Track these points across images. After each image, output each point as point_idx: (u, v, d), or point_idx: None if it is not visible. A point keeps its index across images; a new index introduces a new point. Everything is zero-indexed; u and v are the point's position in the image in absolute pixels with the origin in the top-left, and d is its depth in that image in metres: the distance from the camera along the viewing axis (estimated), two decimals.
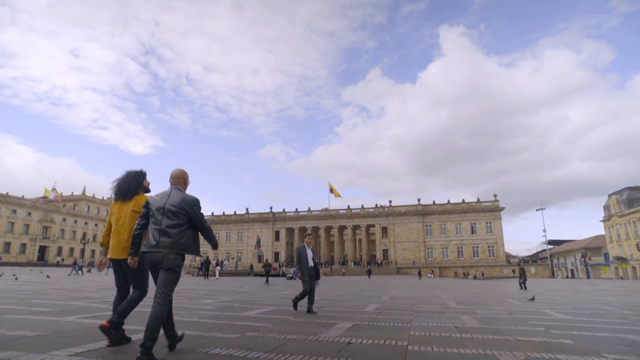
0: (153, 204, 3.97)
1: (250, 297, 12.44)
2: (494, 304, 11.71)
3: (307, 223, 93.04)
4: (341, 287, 21.71)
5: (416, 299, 13.14)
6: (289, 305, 9.62)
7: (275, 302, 10.70)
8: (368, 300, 12.19)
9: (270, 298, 12.37)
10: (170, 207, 3.90)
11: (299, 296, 8.58)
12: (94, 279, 23.64)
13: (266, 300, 11.51)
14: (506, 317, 8.13)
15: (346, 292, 16.91)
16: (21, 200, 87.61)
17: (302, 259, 8.54)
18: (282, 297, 12.71)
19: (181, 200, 3.95)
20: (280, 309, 8.87)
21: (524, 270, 24.54)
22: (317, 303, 10.77)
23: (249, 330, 5.59)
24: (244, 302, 10.40)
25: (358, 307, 9.51)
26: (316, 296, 13.54)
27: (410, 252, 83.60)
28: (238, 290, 16.74)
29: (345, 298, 12.92)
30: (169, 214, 3.88)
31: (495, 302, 12.55)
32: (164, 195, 4.02)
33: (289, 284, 24.75)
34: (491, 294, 17.41)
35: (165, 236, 3.81)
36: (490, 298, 14.42)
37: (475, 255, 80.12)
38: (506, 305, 11.34)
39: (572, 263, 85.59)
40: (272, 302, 10.71)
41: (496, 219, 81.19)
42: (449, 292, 18.70)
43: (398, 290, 19.75)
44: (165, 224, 3.84)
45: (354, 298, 13.11)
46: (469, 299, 13.87)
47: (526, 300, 13.20)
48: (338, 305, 10.05)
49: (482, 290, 21.17)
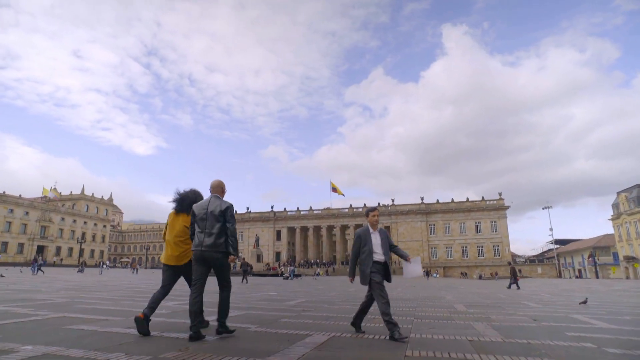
0: (199, 212, 4.63)
1: None
2: (510, 306, 10.01)
3: (309, 222, 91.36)
4: (337, 287, 20.06)
5: (418, 300, 11.46)
6: (265, 309, 7.99)
7: (251, 306, 9.04)
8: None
9: (250, 300, 10.72)
10: (212, 212, 4.57)
11: (359, 312, 5.58)
12: (61, 278, 22.09)
13: (243, 302, 9.85)
14: (531, 325, 6.44)
15: (341, 293, 15.24)
16: (18, 199, 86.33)
17: (366, 251, 5.19)
18: (263, 299, 11.05)
19: (219, 206, 4.62)
20: (250, 314, 7.21)
21: (515, 270, 23.63)
22: (300, 306, 9.12)
23: (168, 350, 3.90)
24: (213, 305, 8.72)
25: (346, 312, 7.84)
26: (306, 297, 11.94)
27: (413, 252, 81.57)
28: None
29: (336, 300, 11.27)
30: (211, 218, 4.55)
31: (510, 304, 10.86)
32: (205, 203, 4.70)
33: (282, 284, 23.11)
34: (502, 295, 15.70)
35: (208, 237, 4.49)
36: (503, 300, 12.72)
37: (480, 254, 78.19)
38: (524, 308, 9.65)
39: (580, 263, 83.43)
40: (247, 305, 9.05)
41: (501, 217, 79.23)
42: (455, 292, 17.00)
43: (399, 290, 18.07)
44: (209, 228, 4.52)
45: (346, 300, 11.46)
46: (478, 300, 12.18)
47: (577, 304, 11.48)
48: (323, 310, 8.38)
49: (490, 291, 19.46)
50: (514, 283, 22.90)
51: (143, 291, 13.05)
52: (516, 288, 22.08)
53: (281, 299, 11.38)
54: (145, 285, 16.71)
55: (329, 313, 7.68)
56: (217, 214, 4.55)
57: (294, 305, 9.21)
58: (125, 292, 12.27)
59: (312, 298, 11.77)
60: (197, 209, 4.65)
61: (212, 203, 4.66)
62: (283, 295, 12.82)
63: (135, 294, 11.86)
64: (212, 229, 4.51)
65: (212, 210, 4.57)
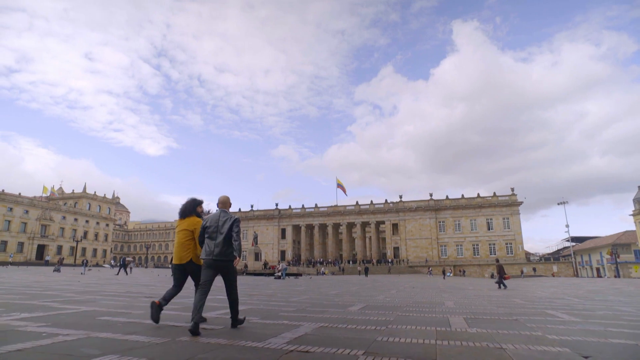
0: (210, 224, 5.29)
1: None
2: (531, 320, 6.97)
3: (314, 220, 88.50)
4: (320, 289, 17.10)
5: (404, 309, 8.49)
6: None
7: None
8: (321, 312, 7.59)
9: None
10: (221, 226, 5.24)
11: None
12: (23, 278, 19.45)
13: None
14: None
15: (316, 296, 12.30)
16: (18, 197, 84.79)
17: None
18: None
19: (226, 220, 5.31)
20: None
21: (502, 268, 22.07)
22: (224, 317, 6.23)
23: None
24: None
25: (280, 330, 4.92)
26: (249, 303, 9.09)
27: (422, 250, 78.37)
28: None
29: (303, 306, 8.38)
30: (220, 231, 5.21)
31: (531, 315, 7.82)
32: (215, 216, 5.37)
33: (267, 284, 20.20)
34: (519, 299, 12.59)
35: (217, 247, 5.15)
36: (521, 307, 9.65)
37: (492, 252, 74.52)
38: (553, 323, 6.63)
39: (598, 261, 79.14)
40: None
41: (514, 214, 75.44)
42: (460, 296, 13.92)
43: (393, 292, 15.10)
44: (218, 238, 5.17)
45: (312, 305, 8.61)
46: (487, 308, 9.12)
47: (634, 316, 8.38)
48: (255, 328, 5.46)
49: (503, 293, 16.35)
50: (500, 282, 21.47)
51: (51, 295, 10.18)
52: (500, 287, 20.84)
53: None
54: (86, 289, 13.94)
55: (256, 329, 4.76)
56: (226, 227, 5.22)
57: None
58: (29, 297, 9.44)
59: (256, 306, 8.85)
60: (209, 222, 5.31)
61: (222, 217, 5.32)
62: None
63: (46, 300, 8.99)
64: (222, 240, 5.15)
65: (222, 224, 5.24)
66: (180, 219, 5.79)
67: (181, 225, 5.70)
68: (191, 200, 5.90)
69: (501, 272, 21.87)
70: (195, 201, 5.90)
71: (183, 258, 5.51)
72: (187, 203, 5.87)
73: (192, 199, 5.92)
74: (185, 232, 5.59)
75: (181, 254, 5.52)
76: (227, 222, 5.24)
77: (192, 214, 5.75)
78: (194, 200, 5.92)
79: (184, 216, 5.75)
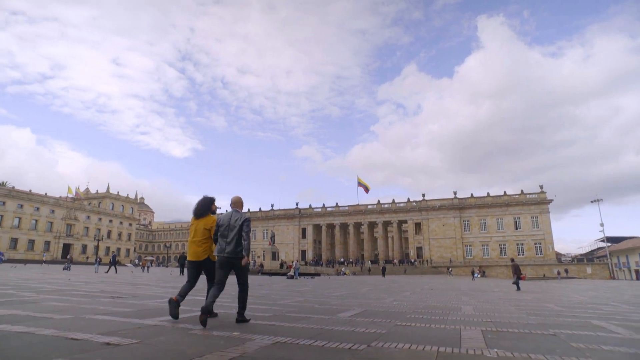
0: (222, 223, 5.53)
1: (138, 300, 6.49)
2: (575, 336, 5.17)
3: (335, 219, 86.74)
4: (325, 290, 15.46)
5: (408, 316, 6.79)
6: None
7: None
8: (299, 320, 5.98)
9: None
10: (233, 225, 5.45)
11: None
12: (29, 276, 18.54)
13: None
14: None
15: (312, 298, 10.68)
16: (44, 197, 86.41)
17: None
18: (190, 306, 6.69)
19: (238, 218, 5.51)
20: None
21: (518, 268, 20.65)
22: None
23: None
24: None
25: (212, 348, 3.36)
26: (224, 306, 7.63)
27: (446, 250, 75.53)
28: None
29: (285, 310, 6.83)
30: (232, 230, 5.42)
31: (575, 327, 5.99)
32: (228, 216, 5.59)
33: (272, 284, 18.71)
34: (553, 304, 10.64)
35: (229, 245, 5.37)
36: (558, 316, 7.78)
37: (520, 253, 71.06)
38: (604, 338, 4.84)
39: (637, 262, 74.43)
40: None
41: (543, 212, 71.60)
42: (482, 300, 12.03)
43: (406, 294, 13.35)
44: (230, 237, 5.40)
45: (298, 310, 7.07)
46: (512, 317, 7.28)
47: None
48: None
49: (534, 297, 14.31)
50: (516, 283, 20.06)
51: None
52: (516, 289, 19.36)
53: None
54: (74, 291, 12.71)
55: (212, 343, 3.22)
56: (237, 226, 5.43)
57: None
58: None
59: (227, 309, 7.31)
60: (221, 221, 5.56)
61: (233, 217, 5.54)
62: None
63: None
64: (233, 238, 5.37)
65: (233, 223, 5.46)
66: (196, 219, 5.86)
67: (198, 224, 5.80)
68: (207, 200, 5.98)
69: (517, 272, 20.47)
70: (209, 200, 6.00)
71: (200, 255, 5.68)
72: (202, 202, 5.93)
73: (206, 198, 6.00)
74: (203, 230, 5.73)
75: (198, 252, 5.68)
76: (238, 222, 5.44)
77: (207, 213, 5.87)
78: (209, 199, 6.01)
79: (200, 216, 5.83)
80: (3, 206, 76.08)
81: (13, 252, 75.30)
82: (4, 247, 73.95)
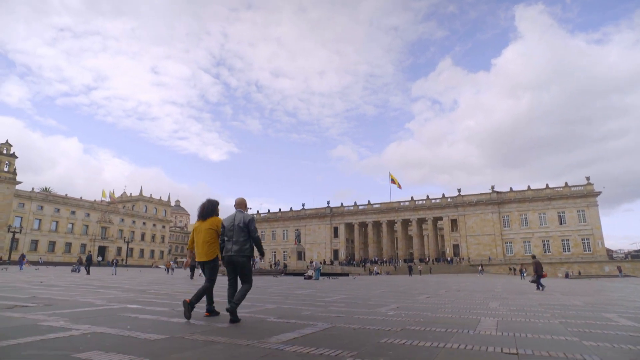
0: (227, 225, 5.77)
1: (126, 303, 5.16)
2: None
3: (367, 218, 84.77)
4: (333, 291, 13.75)
5: (395, 334, 5.03)
6: None
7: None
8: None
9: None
10: (237, 224, 5.69)
11: None
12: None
13: None
14: None
15: (298, 302, 9.09)
16: (79, 201, 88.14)
17: None
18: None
19: (243, 218, 5.75)
20: None
21: (539, 265, 18.63)
22: None
23: None
24: None
25: None
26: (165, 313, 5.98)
27: (485, 247, 72.35)
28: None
29: (273, 313, 5.27)
30: (237, 229, 5.67)
31: None
32: (232, 217, 5.83)
33: (279, 285, 17.24)
34: (614, 315, 8.54)
35: (235, 244, 5.63)
36: (621, 331, 5.80)
37: (566, 249, 67.19)
38: None
39: None
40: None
41: (591, 205, 67.35)
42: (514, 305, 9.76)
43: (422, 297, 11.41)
44: (235, 237, 5.65)
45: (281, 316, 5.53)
46: (556, 339, 4.85)
47: None
48: None
49: (587, 301, 12.11)
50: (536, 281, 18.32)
51: None
52: (536, 288, 17.81)
53: None
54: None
55: None
56: (242, 225, 5.68)
57: None
58: None
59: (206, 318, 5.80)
60: (226, 223, 5.80)
61: (237, 217, 5.77)
62: None
63: None
64: (238, 238, 5.64)
65: (238, 223, 5.69)
66: (201, 220, 6.07)
67: (204, 225, 5.99)
68: (211, 202, 6.22)
69: (538, 270, 18.39)
70: (214, 202, 6.26)
71: (210, 255, 5.88)
72: (206, 205, 6.15)
73: (210, 201, 6.25)
74: (211, 231, 5.93)
75: (207, 252, 5.87)
76: (242, 221, 5.69)
77: (212, 214, 6.08)
78: (213, 201, 6.27)
79: (206, 217, 6.05)
80: (41, 210, 77.90)
81: (51, 255, 76.97)
82: (42, 250, 75.67)
